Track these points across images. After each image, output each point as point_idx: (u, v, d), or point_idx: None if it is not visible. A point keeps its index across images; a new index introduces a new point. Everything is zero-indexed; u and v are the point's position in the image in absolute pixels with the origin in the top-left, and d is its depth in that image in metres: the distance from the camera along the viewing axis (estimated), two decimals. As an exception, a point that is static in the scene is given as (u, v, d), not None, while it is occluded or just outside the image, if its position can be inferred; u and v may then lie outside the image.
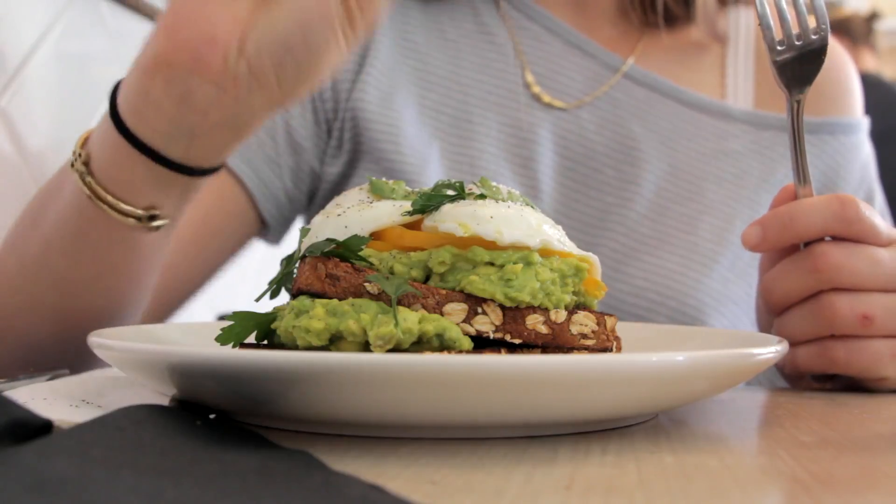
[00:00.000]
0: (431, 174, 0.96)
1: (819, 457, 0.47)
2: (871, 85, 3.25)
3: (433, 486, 0.40)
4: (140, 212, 0.69)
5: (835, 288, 0.70)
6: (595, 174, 0.99)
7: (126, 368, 0.55)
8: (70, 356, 0.74)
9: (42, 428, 0.42)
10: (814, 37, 0.73)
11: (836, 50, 1.10)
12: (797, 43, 0.73)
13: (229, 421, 0.51)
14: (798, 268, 0.71)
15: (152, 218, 0.70)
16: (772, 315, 0.75)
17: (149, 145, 0.65)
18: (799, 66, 0.73)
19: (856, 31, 3.58)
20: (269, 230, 1.02)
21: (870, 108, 1.09)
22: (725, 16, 1.10)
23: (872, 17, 3.75)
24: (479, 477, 0.42)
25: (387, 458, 0.46)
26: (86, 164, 0.69)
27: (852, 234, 0.71)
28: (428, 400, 0.46)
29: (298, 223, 1.08)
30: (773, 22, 0.73)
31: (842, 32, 3.55)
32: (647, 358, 0.47)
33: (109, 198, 0.68)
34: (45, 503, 0.31)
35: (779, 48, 0.73)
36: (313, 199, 1.04)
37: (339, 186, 1.01)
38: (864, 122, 1.09)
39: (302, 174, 1.01)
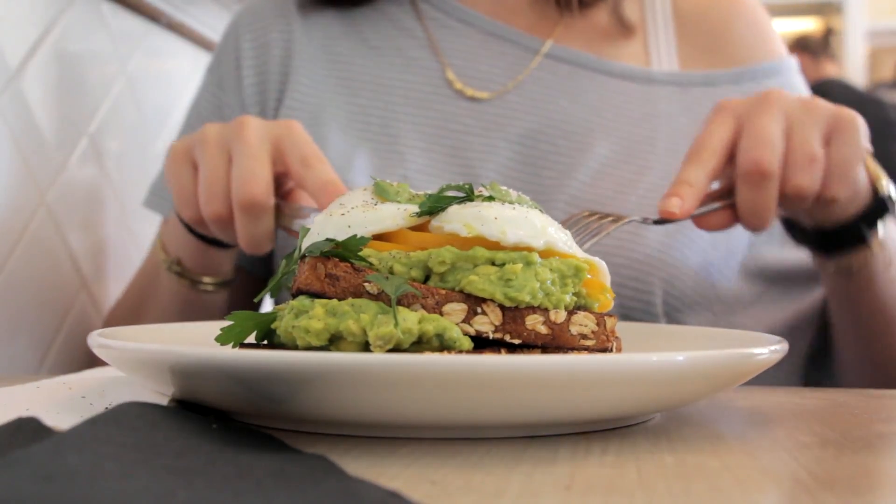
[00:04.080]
0: (356, 175, 0.98)
1: (819, 457, 0.47)
2: (839, 88, 3.49)
3: (433, 486, 0.40)
4: (220, 279, 0.97)
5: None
6: (531, 153, 1.01)
7: (126, 368, 0.55)
8: None
9: (42, 430, 0.42)
10: None
11: None
12: None
13: (244, 424, 0.51)
14: (770, 194, 0.78)
15: (226, 283, 0.97)
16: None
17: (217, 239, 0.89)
18: None
19: (814, 47, 3.90)
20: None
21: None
22: None
23: (828, 32, 4.32)
24: (479, 477, 0.42)
25: (387, 458, 0.45)
26: (178, 263, 0.95)
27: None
28: (428, 400, 0.46)
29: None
30: None
31: (801, 49, 3.81)
32: (647, 358, 0.47)
33: (203, 279, 0.96)
34: (56, 494, 0.31)
35: None
36: None
37: None
38: (790, 62, 1.10)
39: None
